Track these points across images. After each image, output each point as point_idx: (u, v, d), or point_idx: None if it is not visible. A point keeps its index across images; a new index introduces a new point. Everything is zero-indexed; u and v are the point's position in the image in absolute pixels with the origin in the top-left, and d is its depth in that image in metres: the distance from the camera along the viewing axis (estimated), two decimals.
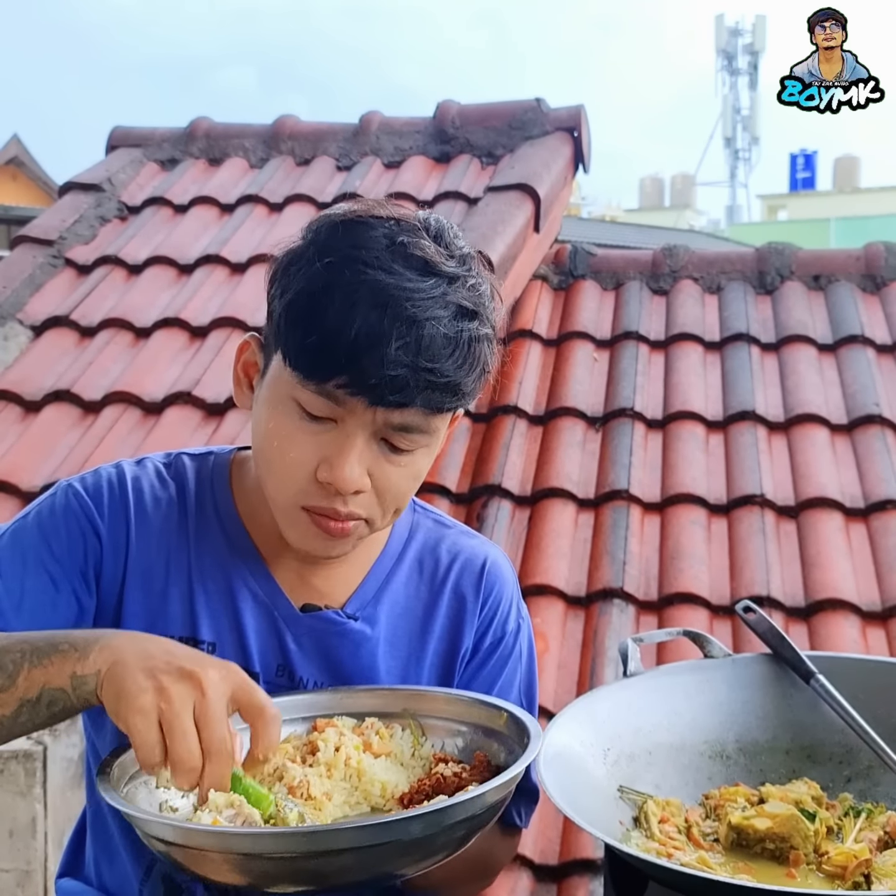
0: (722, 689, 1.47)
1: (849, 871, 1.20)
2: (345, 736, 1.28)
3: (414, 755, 1.32)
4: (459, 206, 4.25)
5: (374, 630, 1.41)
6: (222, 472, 1.43)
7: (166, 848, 1.10)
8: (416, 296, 1.20)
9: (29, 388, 3.70)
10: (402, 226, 1.25)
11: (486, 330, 1.27)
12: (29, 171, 21.02)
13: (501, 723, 1.29)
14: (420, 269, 1.22)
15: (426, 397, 1.22)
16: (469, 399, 1.29)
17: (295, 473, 1.27)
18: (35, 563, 1.32)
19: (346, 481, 1.24)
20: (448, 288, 1.23)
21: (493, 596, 1.46)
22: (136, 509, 1.37)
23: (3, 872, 2.67)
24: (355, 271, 1.20)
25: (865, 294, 4.40)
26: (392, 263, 1.21)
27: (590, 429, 3.85)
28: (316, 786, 1.21)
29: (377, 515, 1.31)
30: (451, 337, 1.22)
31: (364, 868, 1.09)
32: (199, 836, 1.08)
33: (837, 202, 33.71)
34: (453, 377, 1.23)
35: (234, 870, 1.08)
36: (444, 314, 1.22)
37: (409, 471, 1.30)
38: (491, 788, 1.11)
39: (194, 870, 1.11)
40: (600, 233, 18.00)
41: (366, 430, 1.25)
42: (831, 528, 3.41)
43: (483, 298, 1.27)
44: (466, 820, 1.11)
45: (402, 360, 1.19)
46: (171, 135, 4.92)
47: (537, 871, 2.62)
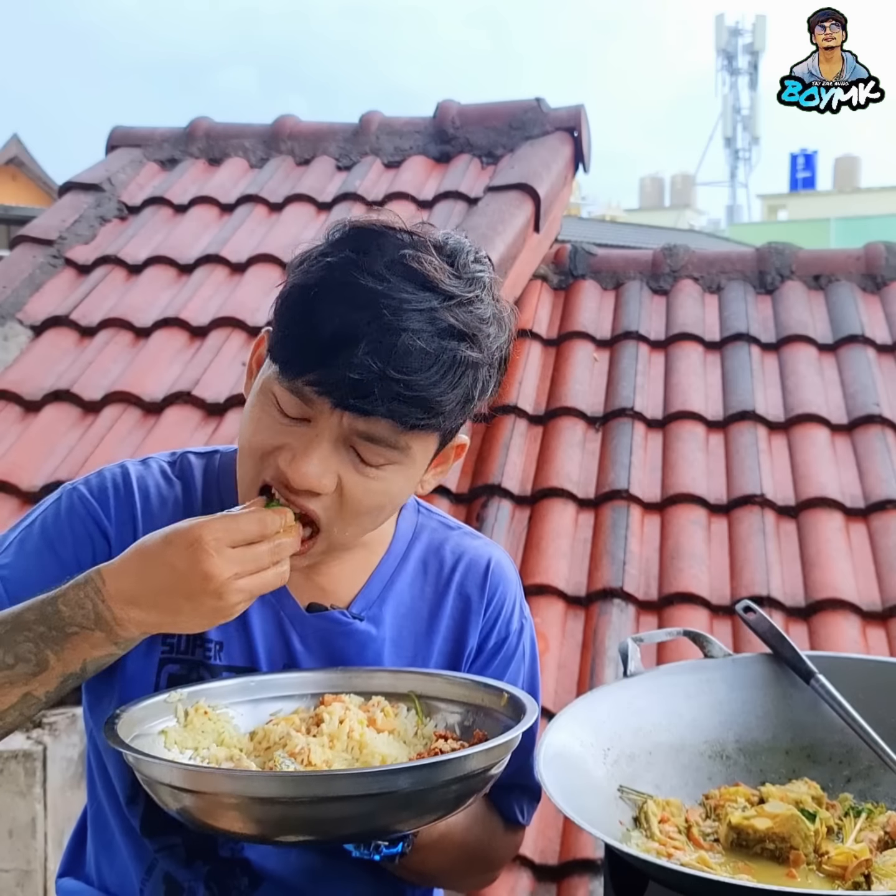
0: (722, 689, 1.47)
1: (849, 871, 1.20)
2: (350, 710, 1.31)
3: (417, 734, 1.34)
4: (459, 206, 4.25)
5: (380, 630, 1.41)
6: (228, 470, 1.43)
7: (177, 797, 1.15)
8: (399, 305, 1.19)
9: (29, 388, 3.70)
10: (413, 239, 1.24)
11: (476, 355, 1.23)
12: (29, 171, 21.02)
13: (502, 704, 1.32)
14: (416, 282, 1.21)
15: (393, 409, 1.20)
16: (445, 421, 1.25)
17: (259, 454, 1.27)
18: (41, 565, 1.33)
19: (301, 476, 1.23)
20: (441, 305, 1.21)
21: (497, 596, 1.47)
22: (143, 508, 1.37)
23: (3, 872, 2.67)
24: (346, 273, 1.20)
25: (865, 294, 4.40)
26: (386, 272, 1.20)
27: (590, 429, 3.84)
28: (317, 753, 1.24)
29: (335, 525, 1.28)
30: (429, 352, 1.19)
31: (363, 819, 1.14)
32: (206, 778, 1.14)
33: (837, 202, 33.71)
34: (425, 393, 1.20)
35: (239, 815, 1.12)
36: (427, 328, 1.19)
37: (379, 486, 1.27)
38: (476, 752, 1.16)
39: (203, 818, 1.15)
40: (600, 233, 18.00)
41: (333, 434, 1.23)
42: (831, 528, 3.41)
43: (481, 323, 1.24)
44: (456, 780, 1.16)
45: (369, 366, 1.17)
46: (171, 135, 4.91)
47: (537, 871, 2.62)
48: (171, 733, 1.28)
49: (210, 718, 1.30)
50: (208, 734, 1.29)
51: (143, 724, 1.26)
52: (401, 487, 1.30)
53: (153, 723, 1.28)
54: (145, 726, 1.27)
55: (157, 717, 1.29)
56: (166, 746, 1.26)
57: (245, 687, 1.35)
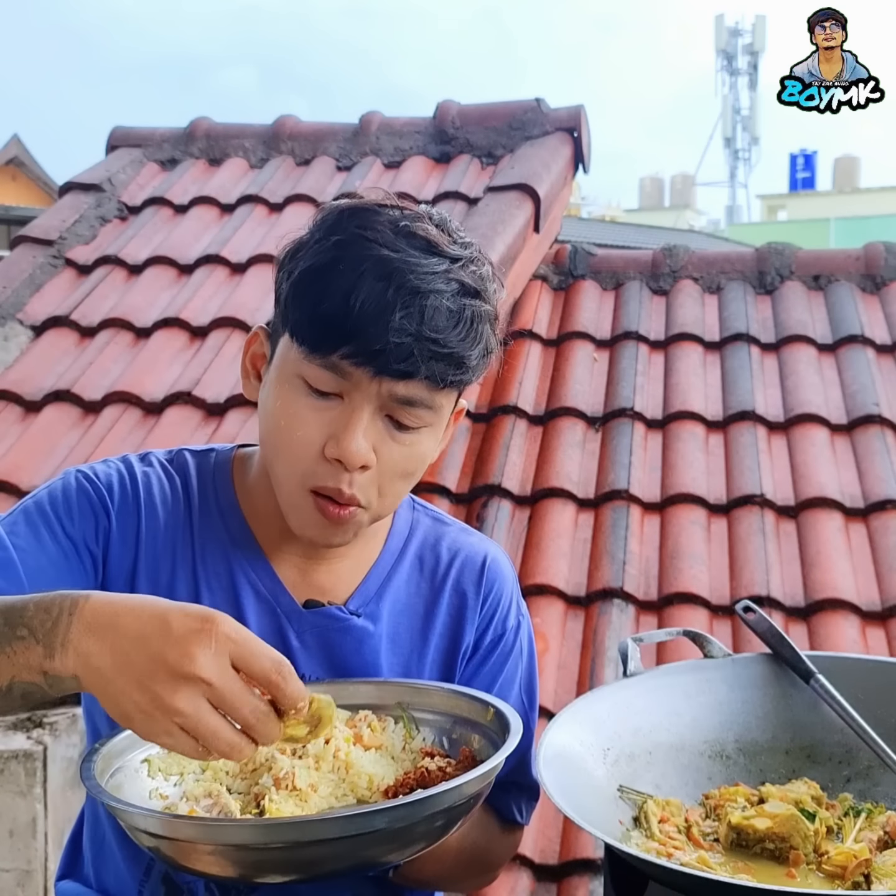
0: (722, 689, 1.47)
1: (849, 871, 1.20)
2: (336, 728, 1.29)
3: (405, 748, 1.32)
4: (459, 206, 4.25)
5: (377, 627, 1.41)
6: (224, 469, 1.43)
7: (152, 840, 1.11)
8: (419, 269, 1.23)
9: (29, 388, 3.70)
10: (405, 213, 1.29)
11: (488, 308, 1.30)
12: (29, 171, 21.03)
13: (489, 718, 1.30)
14: (424, 248, 1.26)
15: (430, 368, 1.24)
16: (473, 375, 1.30)
17: (302, 452, 1.28)
18: (48, 537, 1.31)
19: (353, 454, 1.25)
20: (451, 266, 1.26)
21: (493, 593, 1.47)
22: (146, 503, 1.38)
23: (4, 872, 2.67)
24: (362, 247, 1.24)
25: (865, 294, 4.40)
26: (396, 241, 1.25)
27: (590, 429, 3.85)
28: (302, 777, 1.22)
29: (374, 498, 1.30)
30: (453, 311, 1.24)
31: (344, 858, 1.10)
32: (176, 827, 1.09)
33: (837, 202, 33.71)
34: (457, 349, 1.25)
35: (215, 860, 1.09)
36: (447, 289, 1.25)
37: (414, 451, 1.30)
38: (461, 783, 1.12)
39: (180, 861, 1.12)
40: (600, 233, 18.02)
41: (371, 404, 1.26)
42: (831, 528, 3.41)
43: (485, 281, 1.30)
44: (443, 812, 1.13)
45: (407, 329, 1.21)
46: (171, 135, 4.92)
47: (537, 871, 2.62)
48: (155, 761, 1.24)
49: None
50: (193, 759, 1.24)
51: (125, 755, 1.22)
52: (431, 449, 1.34)
53: (136, 752, 1.23)
54: (128, 756, 1.22)
55: (140, 746, 1.22)
56: (150, 775, 1.22)
57: None
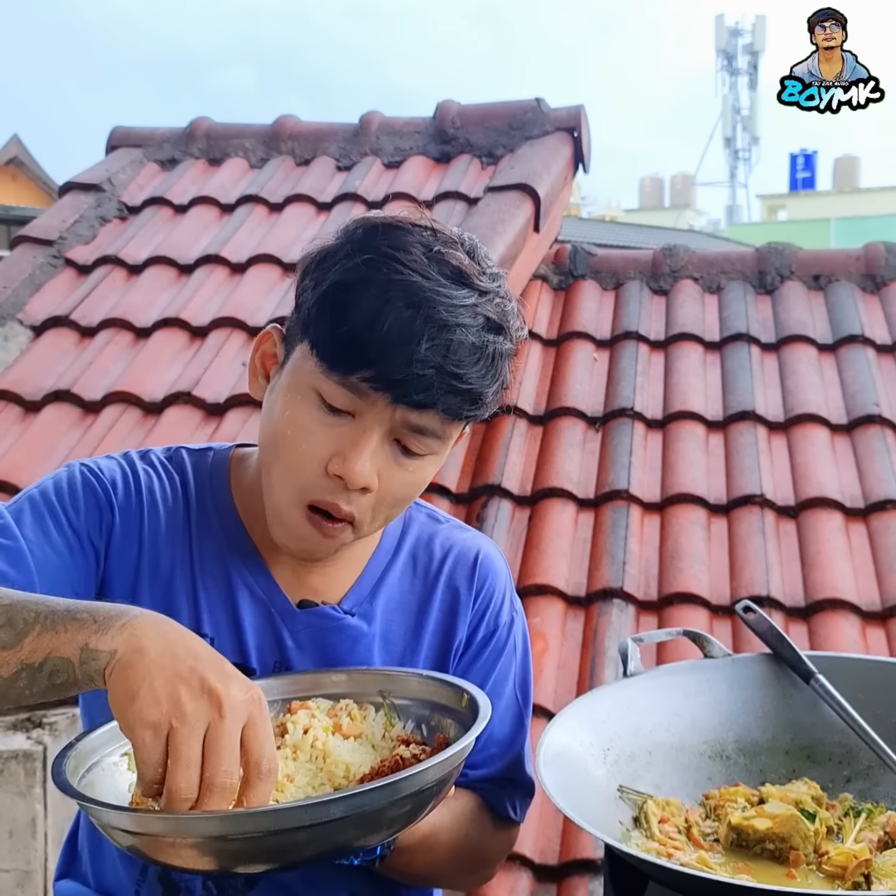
0: (722, 689, 1.47)
1: (849, 871, 1.20)
2: (315, 718, 1.29)
3: (385, 736, 1.32)
4: (459, 206, 4.25)
5: (371, 626, 1.41)
6: (221, 469, 1.43)
7: (125, 837, 1.10)
8: (449, 301, 1.22)
9: (29, 388, 3.70)
10: (438, 236, 1.27)
11: (509, 346, 1.29)
12: (29, 171, 21.02)
13: (463, 704, 1.29)
14: (454, 278, 1.25)
15: (447, 401, 1.24)
16: (486, 410, 1.30)
17: (304, 464, 1.27)
18: (54, 527, 1.31)
19: (357, 475, 1.25)
20: (479, 300, 1.25)
21: (485, 588, 1.47)
22: (148, 502, 1.38)
23: (3, 872, 2.67)
24: (392, 269, 1.23)
25: (865, 294, 4.40)
26: (428, 268, 1.23)
27: (590, 429, 3.85)
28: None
29: (367, 520, 1.31)
30: (477, 346, 1.24)
31: (315, 844, 1.09)
32: (141, 821, 1.08)
33: (837, 202, 33.71)
34: (476, 385, 1.25)
35: (185, 853, 1.07)
36: (474, 324, 1.24)
37: (416, 477, 1.31)
38: (419, 770, 1.11)
39: (154, 856, 1.10)
40: (600, 233, 18.02)
41: (382, 427, 1.26)
42: (831, 528, 3.41)
43: (508, 316, 1.29)
44: (407, 798, 1.12)
45: (431, 361, 1.21)
46: (171, 135, 4.91)
47: (537, 871, 2.61)
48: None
49: None
50: None
51: (102, 750, 1.20)
52: (430, 476, 1.34)
53: (115, 746, 1.22)
54: (106, 751, 1.21)
55: (119, 740, 1.20)
56: (130, 769, 1.20)
57: None
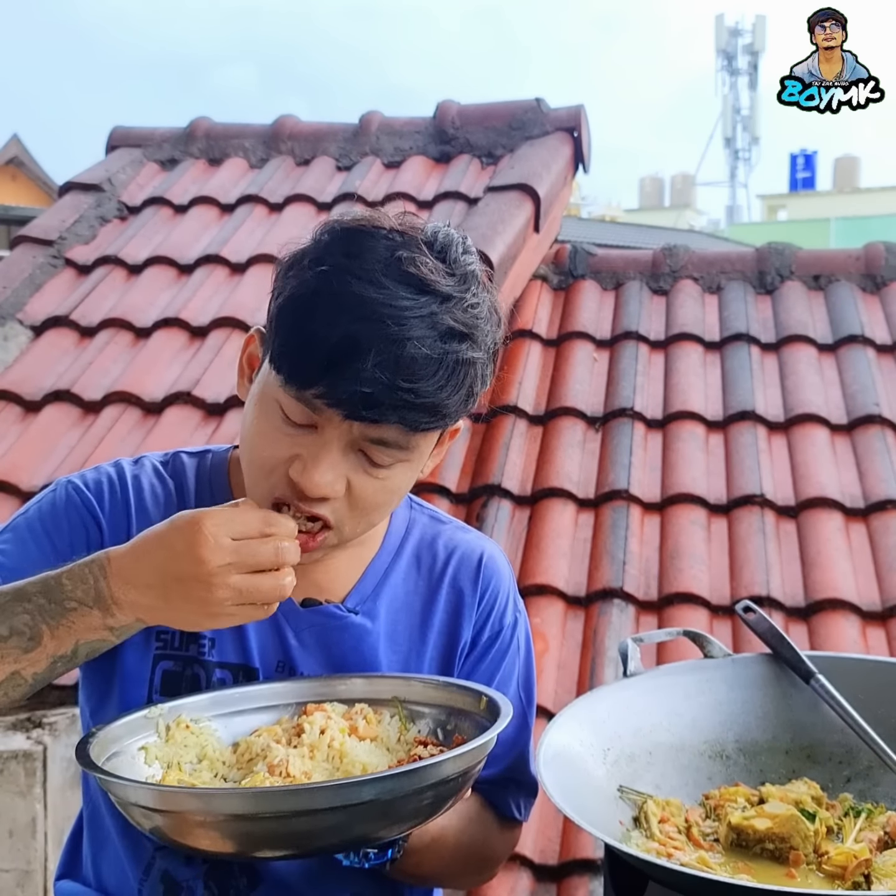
0: (722, 689, 1.47)
1: (849, 871, 1.20)
2: (331, 719, 1.30)
3: (399, 740, 1.33)
4: (459, 206, 4.25)
5: (375, 624, 1.41)
6: (220, 470, 1.44)
7: (146, 817, 1.12)
8: (401, 314, 1.19)
9: (29, 388, 3.70)
10: (404, 239, 1.24)
11: (477, 354, 1.25)
12: (29, 171, 21.02)
13: (482, 707, 1.30)
14: (413, 285, 1.21)
15: (403, 416, 1.21)
16: (451, 420, 1.28)
17: (268, 468, 1.27)
18: (36, 553, 1.33)
19: (314, 485, 1.24)
20: (439, 307, 1.21)
21: (490, 590, 1.47)
22: (137, 507, 1.38)
23: (3, 872, 2.67)
24: (343, 282, 1.20)
25: (865, 294, 4.40)
26: (383, 278, 1.20)
27: (590, 429, 3.84)
28: (296, 765, 1.23)
29: (346, 523, 1.30)
30: (433, 358, 1.20)
31: (336, 831, 1.11)
32: (168, 797, 1.11)
33: (837, 202, 33.71)
34: (431, 399, 1.21)
35: (208, 833, 1.10)
36: (430, 334, 1.20)
37: (387, 484, 1.29)
38: (445, 759, 1.14)
39: (174, 837, 1.12)
40: (600, 233, 18.01)
41: (342, 441, 1.24)
42: (831, 528, 3.41)
43: (478, 321, 1.25)
44: (429, 787, 1.14)
45: (378, 378, 1.18)
46: (171, 135, 4.91)
47: (537, 871, 2.61)
48: (152, 749, 1.26)
49: (192, 732, 1.28)
50: (191, 748, 1.27)
51: (121, 742, 1.24)
52: (407, 481, 1.33)
53: (133, 739, 1.26)
54: (124, 743, 1.24)
55: (137, 734, 1.26)
56: (147, 762, 1.24)
57: (227, 699, 1.33)
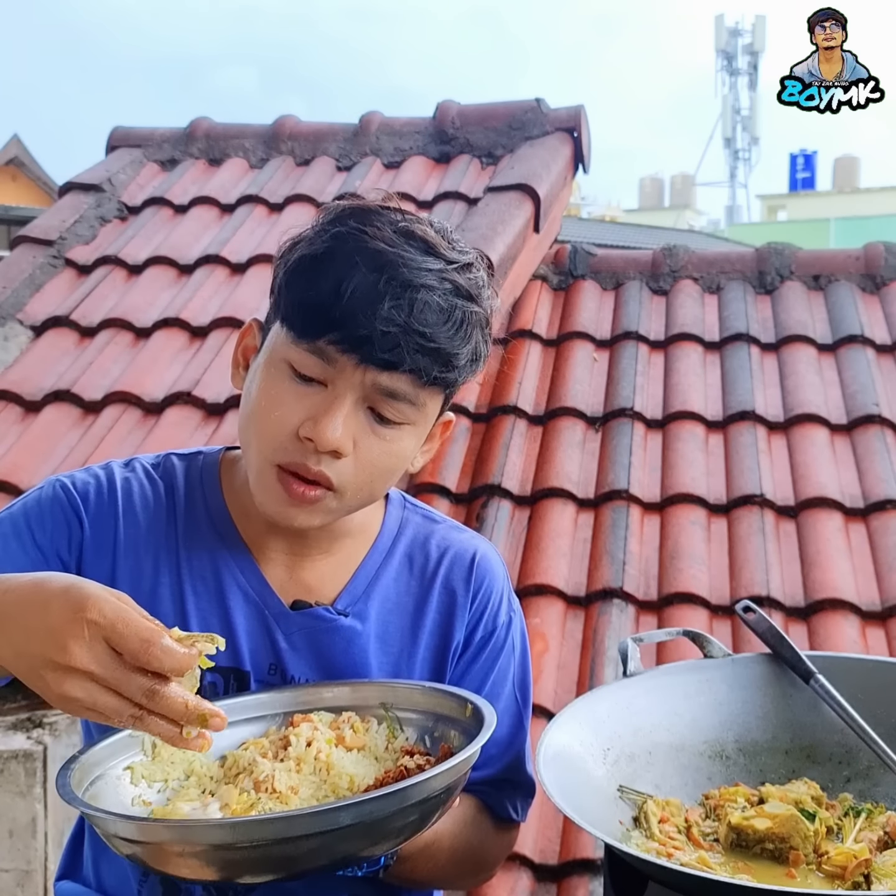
0: (722, 689, 1.47)
1: (849, 871, 1.20)
2: (318, 731, 1.29)
3: (388, 748, 1.32)
4: (459, 206, 4.25)
5: (365, 626, 1.41)
6: (212, 471, 1.44)
7: (128, 846, 1.10)
8: (413, 264, 1.25)
9: (29, 388, 3.70)
10: (406, 217, 1.31)
11: (481, 312, 1.30)
12: (29, 171, 21.01)
13: (467, 714, 1.29)
14: (421, 248, 1.27)
15: (416, 361, 1.24)
16: (459, 375, 1.31)
17: (276, 430, 1.28)
18: (17, 548, 1.33)
19: (327, 438, 1.25)
20: (446, 267, 1.27)
21: (483, 589, 1.46)
22: (125, 509, 1.38)
23: (3, 872, 2.67)
24: (358, 240, 1.26)
25: (865, 294, 4.40)
26: (394, 238, 1.26)
27: (589, 429, 3.85)
28: (282, 780, 1.22)
29: (349, 486, 1.29)
30: (444, 308, 1.25)
31: (319, 854, 1.09)
32: (155, 830, 1.09)
33: (837, 202, 33.71)
34: (444, 346, 1.25)
35: (187, 862, 1.08)
36: (440, 287, 1.26)
37: (394, 447, 1.30)
38: (426, 778, 1.12)
39: (157, 867, 1.11)
40: (600, 233, 18.03)
41: (354, 393, 1.26)
42: (831, 527, 3.41)
43: (480, 288, 1.31)
44: (414, 806, 1.12)
45: (395, 319, 1.22)
46: (171, 135, 4.92)
47: (537, 871, 2.61)
48: (138, 768, 1.24)
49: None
50: (178, 764, 1.26)
51: (106, 763, 1.22)
52: (411, 448, 1.34)
53: (118, 759, 1.23)
54: (109, 764, 1.22)
55: (122, 754, 1.24)
56: (133, 782, 1.22)
57: None
